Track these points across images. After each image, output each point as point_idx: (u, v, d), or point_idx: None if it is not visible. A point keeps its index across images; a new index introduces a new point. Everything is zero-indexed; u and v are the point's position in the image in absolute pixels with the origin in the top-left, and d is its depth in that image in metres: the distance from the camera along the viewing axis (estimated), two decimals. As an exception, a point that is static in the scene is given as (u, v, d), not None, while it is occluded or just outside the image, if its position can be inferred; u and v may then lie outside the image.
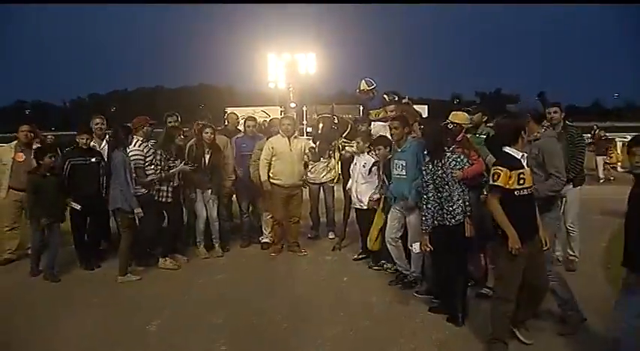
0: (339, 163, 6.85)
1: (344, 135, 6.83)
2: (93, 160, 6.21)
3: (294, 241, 6.87)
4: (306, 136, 14.27)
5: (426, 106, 18.84)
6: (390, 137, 5.68)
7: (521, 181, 3.66)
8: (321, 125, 6.81)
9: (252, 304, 5.08)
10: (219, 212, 6.72)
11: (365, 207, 6.16)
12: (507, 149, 3.74)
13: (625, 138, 18.17)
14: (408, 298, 5.12)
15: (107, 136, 6.49)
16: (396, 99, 7.07)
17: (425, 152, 4.71)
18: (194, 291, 5.52)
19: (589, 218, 7.59)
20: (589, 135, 16.92)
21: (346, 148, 6.66)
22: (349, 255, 6.64)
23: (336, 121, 6.93)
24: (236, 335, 4.30)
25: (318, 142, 6.70)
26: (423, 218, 4.53)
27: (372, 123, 6.92)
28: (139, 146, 6.14)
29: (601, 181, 14.16)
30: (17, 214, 6.63)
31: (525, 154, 3.83)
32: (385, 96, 7.22)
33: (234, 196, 7.31)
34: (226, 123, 8.19)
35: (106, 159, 6.12)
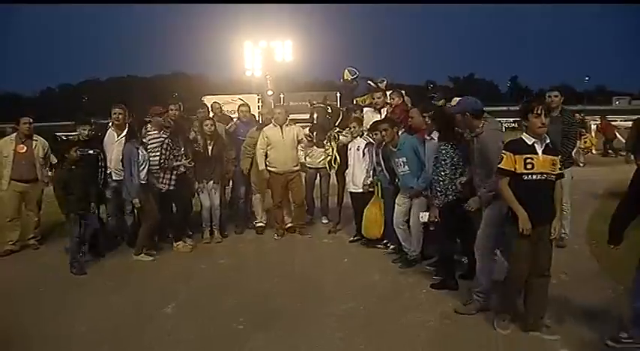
0: (336, 151, 6.98)
1: (336, 123, 7.02)
2: (91, 151, 6.28)
3: (300, 223, 7.13)
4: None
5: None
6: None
7: (529, 166, 3.73)
8: (315, 115, 6.97)
9: (261, 285, 5.29)
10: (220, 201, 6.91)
11: (360, 190, 6.42)
12: (523, 135, 3.85)
13: (596, 121, 18.82)
14: (408, 275, 5.41)
15: (128, 126, 6.54)
16: (379, 85, 7.35)
17: (436, 136, 5.03)
18: (201, 275, 5.70)
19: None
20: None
21: (340, 137, 6.86)
22: (345, 237, 6.91)
23: (329, 110, 7.11)
24: (252, 315, 4.48)
25: (315, 132, 6.87)
26: (439, 194, 4.78)
27: (364, 109, 7.14)
28: (150, 136, 6.39)
29: (580, 165, 14.44)
30: (18, 206, 6.69)
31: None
32: (370, 82, 7.46)
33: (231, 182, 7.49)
34: (211, 113, 8.19)
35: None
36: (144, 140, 6.25)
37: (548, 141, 3.82)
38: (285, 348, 3.93)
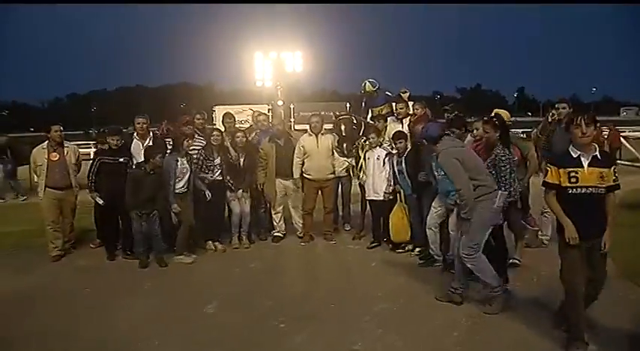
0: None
1: (360, 134, 7.28)
2: (121, 159, 6.65)
3: (327, 229, 7.39)
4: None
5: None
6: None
7: (573, 180, 3.69)
8: (343, 127, 7.20)
9: (294, 288, 5.54)
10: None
11: (380, 198, 6.72)
12: (570, 148, 3.80)
13: (605, 131, 19.04)
14: (435, 277, 5.66)
15: (151, 134, 6.87)
16: (402, 95, 7.62)
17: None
18: (235, 278, 5.96)
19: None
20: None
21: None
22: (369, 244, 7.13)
23: (354, 121, 7.37)
24: (291, 315, 4.72)
25: (344, 144, 7.13)
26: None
27: (388, 119, 7.40)
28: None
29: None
30: (56, 213, 6.91)
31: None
32: (388, 93, 7.73)
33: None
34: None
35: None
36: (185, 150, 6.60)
37: (596, 153, 3.72)
38: (329, 343, 4.17)
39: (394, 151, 6.56)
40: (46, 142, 6.97)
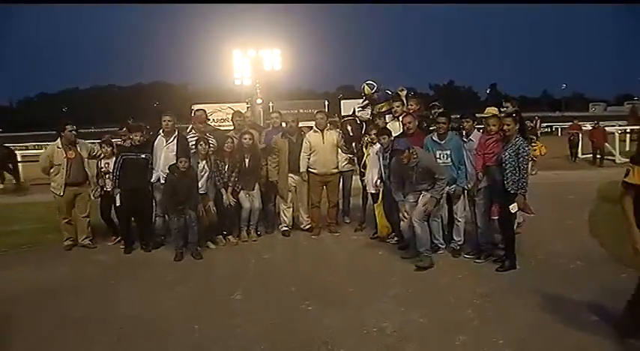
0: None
1: (363, 132, 7.67)
2: (143, 156, 6.95)
3: (331, 221, 7.77)
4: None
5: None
6: (397, 127, 6.95)
7: None
8: (349, 127, 7.59)
9: (310, 275, 5.90)
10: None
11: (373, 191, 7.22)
12: None
13: (586, 127, 19.74)
14: (440, 263, 6.10)
15: (176, 132, 7.14)
16: (399, 93, 8.00)
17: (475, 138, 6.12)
18: (253, 268, 6.28)
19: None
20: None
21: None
22: (371, 234, 7.54)
23: (358, 122, 7.75)
24: (315, 298, 5.08)
25: (353, 143, 7.53)
26: (524, 184, 5.57)
27: (386, 116, 7.78)
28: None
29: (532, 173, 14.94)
30: (71, 207, 7.23)
31: None
32: (388, 91, 8.12)
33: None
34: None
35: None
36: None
37: None
38: (358, 321, 4.54)
39: (378, 146, 6.98)
40: (58, 141, 7.19)
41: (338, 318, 4.62)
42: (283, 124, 8.08)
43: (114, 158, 6.93)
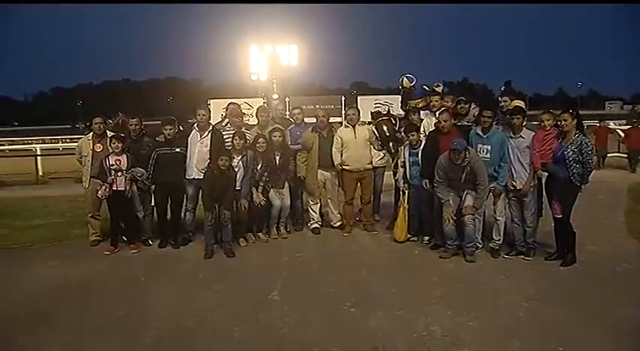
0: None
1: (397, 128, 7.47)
2: (177, 150, 6.81)
3: (367, 220, 7.58)
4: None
5: (399, 97, 19.61)
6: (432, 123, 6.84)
7: None
8: (385, 128, 7.32)
9: (347, 275, 5.71)
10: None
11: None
12: None
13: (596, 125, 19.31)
14: (479, 264, 5.96)
15: (211, 127, 7.02)
16: (435, 89, 7.79)
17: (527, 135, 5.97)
18: (287, 267, 6.09)
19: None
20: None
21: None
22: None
23: (393, 121, 7.52)
24: (356, 299, 4.92)
25: (391, 143, 7.30)
26: (585, 177, 5.62)
27: (421, 112, 7.59)
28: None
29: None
30: (99, 202, 7.01)
31: None
32: (426, 87, 7.91)
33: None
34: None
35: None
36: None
37: None
38: (406, 324, 4.37)
39: (406, 143, 6.83)
40: (91, 133, 7.12)
41: (384, 320, 4.46)
42: (306, 120, 7.94)
43: (124, 155, 6.65)
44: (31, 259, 6.63)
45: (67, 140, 35.42)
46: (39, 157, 16.11)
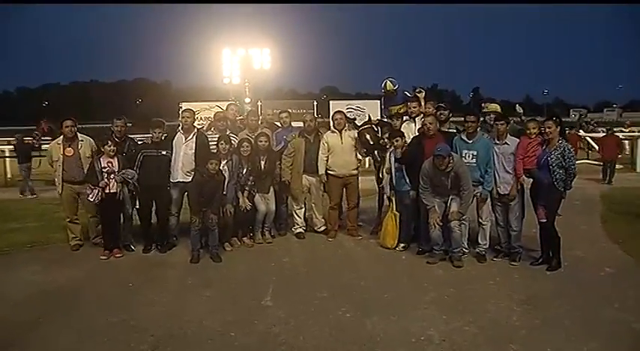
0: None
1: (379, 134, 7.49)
2: (163, 153, 6.68)
3: (352, 225, 7.56)
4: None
5: (378, 101, 19.70)
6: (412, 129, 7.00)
7: None
8: (368, 136, 7.27)
9: (338, 280, 5.70)
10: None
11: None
12: None
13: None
14: (467, 269, 6.03)
15: (195, 130, 6.95)
16: (417, 94, 7.85)
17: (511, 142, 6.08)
18: (275, 272, 6.03)
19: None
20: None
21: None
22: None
23: (375, 129, 7.50)
24: (351, 305, 4.90)
25: (376, 152, 7.32)
26: (568, 182, 5.77)
27: (403, 118, 7.62)
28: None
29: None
30: (75, 206, 6.93)
31: None
32: (406, 93, 7.97)
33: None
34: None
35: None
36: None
37: None
38: (402, 329, 4.38)
39: (390, 149, 6.85)
40: (61, 137, 6.93)
41: (381, 326, 4.46)
42: (293, 124, 7.90)
43: (116, 157, 6.51)
44: (10, 265, 6.43)
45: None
46: (7, 159, 15.57)
